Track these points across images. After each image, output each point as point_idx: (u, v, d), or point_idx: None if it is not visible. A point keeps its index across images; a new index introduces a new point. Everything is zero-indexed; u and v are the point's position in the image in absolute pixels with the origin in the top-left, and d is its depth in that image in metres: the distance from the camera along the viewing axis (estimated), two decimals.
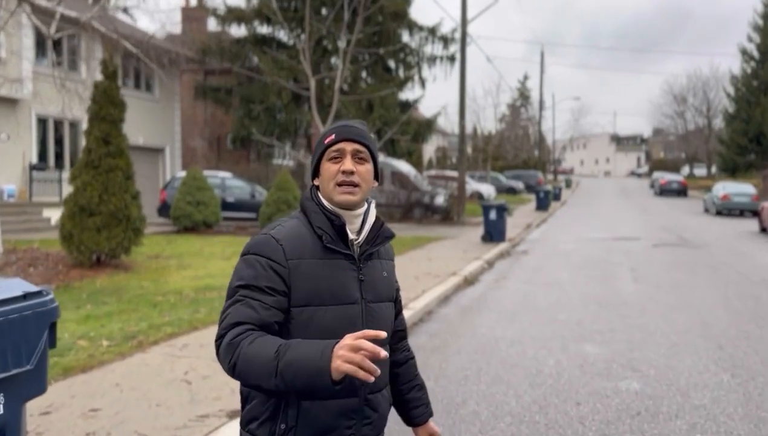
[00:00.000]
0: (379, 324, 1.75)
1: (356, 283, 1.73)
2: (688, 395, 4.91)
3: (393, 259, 1.94)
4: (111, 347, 5.83)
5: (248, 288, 1.65)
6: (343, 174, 1.71)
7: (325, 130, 1.81)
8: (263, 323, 1.61)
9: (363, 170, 1.75)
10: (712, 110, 59.34)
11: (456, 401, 4.83)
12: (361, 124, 1.84)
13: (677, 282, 10.11)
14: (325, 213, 1.73)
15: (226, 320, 1.63)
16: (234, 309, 1.64)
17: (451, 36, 23.18)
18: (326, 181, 1.74)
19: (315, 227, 1.71)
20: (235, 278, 1.69)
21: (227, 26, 23.56)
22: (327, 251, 1.70)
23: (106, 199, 9.70)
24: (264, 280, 1.64)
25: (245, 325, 1.60)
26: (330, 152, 1.75)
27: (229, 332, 1.60)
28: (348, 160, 1.73)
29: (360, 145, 1.75)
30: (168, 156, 23.28)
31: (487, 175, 39.33)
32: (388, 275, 1.86)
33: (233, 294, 1.67)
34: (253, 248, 1.71)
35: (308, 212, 1.76)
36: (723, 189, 26.49)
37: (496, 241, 15.04)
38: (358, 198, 1.73)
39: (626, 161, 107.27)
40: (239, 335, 1.58)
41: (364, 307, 1.74)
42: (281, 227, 1.74)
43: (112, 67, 10.20)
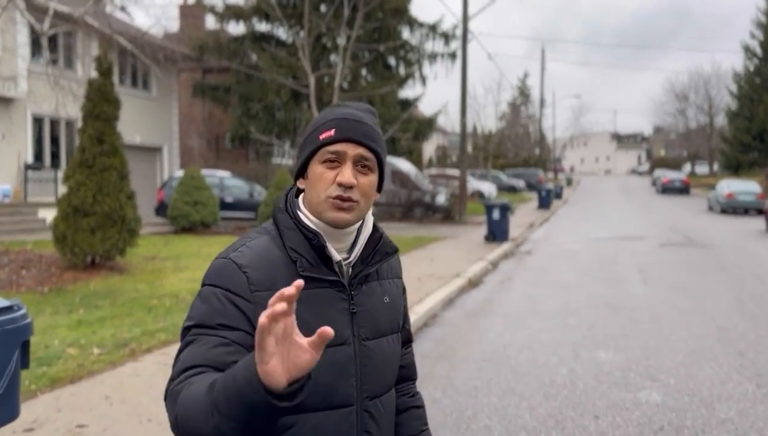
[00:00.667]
0: (380, 369, 1.38)
1: (346, 317, 1.34)
2: (712, 408, 4.63)
3: (400, 276, 1.52)
4: (102, 355, 5.55)
5: (200, 327, 1.27)
6: (340, 187, 1.30)
7: (321, 117, 1.38)
8: (219, 363, 1.21)
9: (365, 183, 1.33)
10: (714, 108, 59.08)
11: (466, 414, 4.55)
12: (370, 113, 1.41)
13: (688, 284, 9.83)
14: (301, 230, 1.34)
15: (175, 367, 1.26)
16: (185, 353, 1.26)
17: (452, 33, 22.90)
18: (315, 191, 1.33)
19: (288, 248, 1.33)
20: (187, 317, 1.32)
21: (225, 23, 23.28)
22: (305, 280, 1.25)
23: (100, 199, 9.42)
24: (219, 316, 1.26)
25: (194, 369, 1.21)
26: (325, 153, 1.32)
27: (173, 382, 1.23)
28: (348, 168, 1.31)
29: (366, 151, 1.33)
30: (166, 155, 22.98)
31: (488, 174, 39.05)
32: (392, 299, 1.45)
33: (183, 336, 1.30)
34: (209, 278, 1.33)
35: (280, 228, 1.36)
36: (727, 187, 26.21)
37: (500, 241, 14.76)
38: (353, 217, 1.33)
39: (627, 159, 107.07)
40: (181, 383, 1.20)
41: (358, 347, 1.34)
42: (245, 249, 1.34)
43: (106, 64, 9.91)
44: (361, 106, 1.40)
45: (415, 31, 22.82)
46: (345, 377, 1.32)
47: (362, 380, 1.34)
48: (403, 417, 1.55)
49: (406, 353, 1.57)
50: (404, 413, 1.55)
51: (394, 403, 1.46)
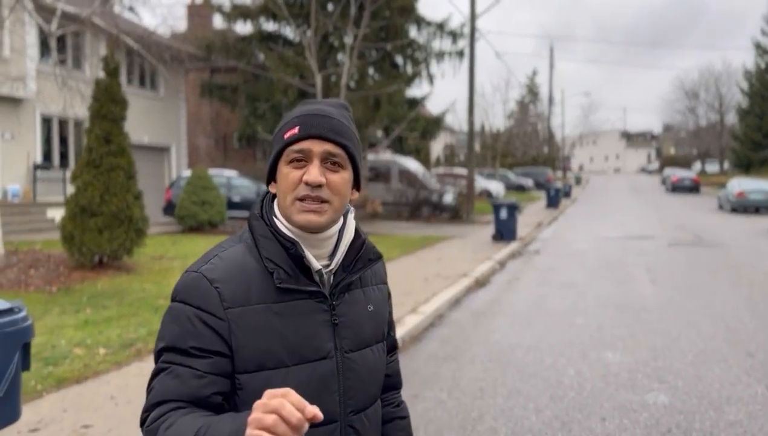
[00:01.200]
0: (364, 381, 1.31)
1: (328, 329, 1.26)
2: (721, 410, 4.58)
3: (385, 282, 1.45)
4: (108, 355, 5.56)
5: (172, 351, 1.20)
6: (307, 186, 1.22)
7: (287, 116, 1.30)
8: (195, 397, 1.17)
9: (336, 181, 1.25)
10: (725, 105, 58.67)
11: (472, 416, 4.52)
12: (340, 107, 1.32)
13: (697, 284, 9.75)
14: (277, 239, 1.26)
15: (150, 395, 1.20)
16: (158, 382, 1.19)
17: (460, 31, 22.78)
18: (283, 193, 1.25)
19: (264, 258, 1.24)
20: (158, 336, 1.24)
21: (232, 23, 23.26)
22: (282, 291, 1.23)
23: (107, 199, 9.44)
24: (191, 338, 1.19)
25: (169, 403, 1.16)
26: (290, 152, 1.24)
27: (151, 415, 1.17)
28: (315, 166, 1.23)
29: (334, 146, 1.24)
30: (173, 155, 23.04)
31: (496, 173, 38.94)
32: (377, 307, 1.37)
33: (156, 360, 1.23)
34: (178, 293, 1.24)
35: (255, 237, 1.27)
36: (738, 186, 25.98)
37: (507, 240, 14.70)
38: (325, 219, 1.24)
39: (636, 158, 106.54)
40: (157, 419, 1.15)
41: (340, 360, 1.27)
42: (217, 260, 1.25)
43: (113, 64, 9.94)
44: (332, 102, 1.32)
45: (423, 30, 22.73)
46: (327, 393, 1.25)
47: (346, 394, 1.28)
48: (388, 428, 1.49)
49: (390, 361, 1.51)
50: (389, 423, 1.50)
51: (379, 415, 1.40)
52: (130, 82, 20.50)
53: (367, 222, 19.38)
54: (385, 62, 22.24)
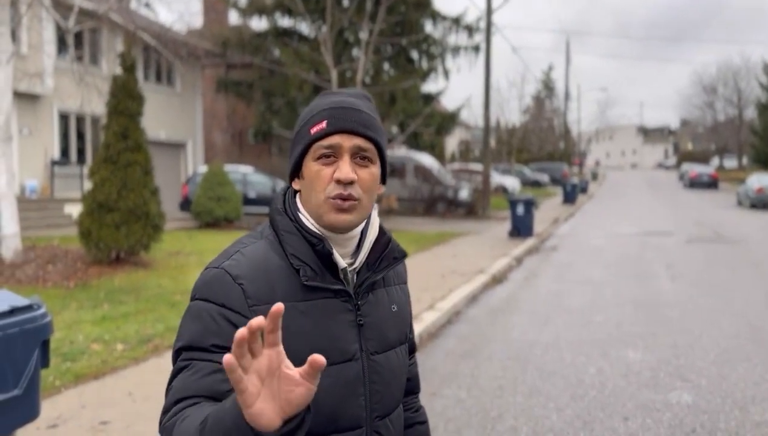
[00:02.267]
0: (390, 384, 1.26)
1: (353, 329, 1.21)
2: (746, 410, 4.49)
3: (406, 282, 1.40)
4: (125, 351, 5.56)
5: (192, 350, 1.14)
6: (338, 184, 1.17)
7: (310, 108, 1.24)
8: (214, 392, 1.09)
9: (367, 177, 1.20)
10: (744, 100, 57.90)
11: (491, 415, 4.46)
12: (365, 99, 1.26)
13: (717, 281, 9.60)
14: (303, 235, 1.21)
15: (168, 396, 1.14)
16: (177, 381, 1.13)
17: (476, 25, 22.64)
18: (312, 192, 1.20)
19: (289, 255, 1.19)
20: (178, 335, 1.19)
21: (248, 19, 23.30)
22: (309, 289, 1.18)
23: (124, 195, 9.48)
24: (213, 336, 1.13)
25: (187, 400, 1.10)
26: (318, 148, 1.19)
27: (168, 414, 1.11)
28: (346, 162, 1.17)
29: (364, 140, 1.19)
30: (190, 151, 23.13)
31: (512, 168, 38.72)
32: (400, 307, 1.33)
33: (175, 359, 1.17)
34: (201, 290, 1.19)
35: (279, 233, 1.22)
36: (758, 181, 25.62)
37: (524, 236, 14.59)
38: (357, 217, 1.20)
39: (653, 153, 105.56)
40: (174, 416, 1.09)
41: (366, 362, 1.22)
42: (240, 256, 1.20)
43: (130, 60, 9.96)
44: (355, 92, 1.26)
45: (438, 25, 22.61)
46: (353, 397, 1.20)
47: (371, 398, 1.23)
48: (407, 433, 1.44)
49: (410, 363, 1.46)
50: (408, 429, 1.45)
51: (402, 420, 1.35)
52: (146, 78, 20.58)
53: (383, 218, 19.33)
54: (401, 57, 22.16)
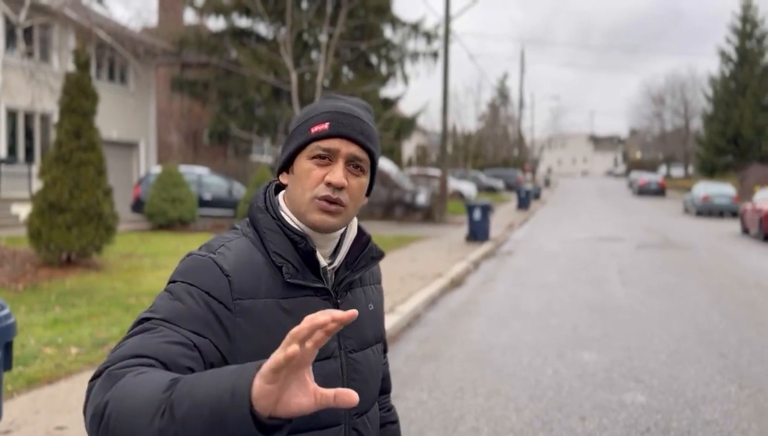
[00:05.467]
0: (367, 381, 1.27)
1: None
2: (697, 409, 4.65)
3: (380, 281, 1.41)
4: (80, 355, 5.42)
5: (165, 322, 1.07)
6: (329, 187, 1.18)
7: (313, 108, 1.25)
8: (173, 363, 1.01)
9: (356, 186, 1.21)
10: (690, 111, 59.99)
11: (453, 415, 4.51)
12: (366, 110, 1.27)
13: (667, 285, 9.92)
14: (285, 233, 1.21)
15: (116, 351, 1.03)
16: (136, 339, 1.04)
17: (435, 32, 22.88)
18: (301, 188, 1.20)
19: (271, 252, 1.19)
20: (149, 309, 1.12)
21: (205, 18, 23.01)
22: (290, 287, 1.18)
23: (76, 195, 9.23)
24: (193, 319, 1.08)
25: (145, 359, 1.00)
26: (316, 148, 1.19)
27: (113, 364, 0.99)
28: (340, 168, 1.18)
29: (361, 150, 1.20)
30: (143, 151, 22.65)
31: (468, 174, 39.15)
32: (376, 306, 1.34)
33: (137, 325, 1.09)
34: (185, 275, 1.14)
35: (261, 230, 1.21)
36: (704, 190, 26.56)
37: (481, 241, 14.78)
38: (339, 222, 1.21)
39: (603, 161, 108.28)
40: (128, 367, 0.97)
41: (345, 360, 1.23)
42: (226, 250, 1.18)
43: (84, 57, 9.71)
44: (357, 102, 1.28)
45: (398, 30, 22.75)
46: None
47: None
48: (380, 433, 1.44)
49: (383, 363, 1.46)
50: (381, 428, 1.45)
51: (378, 418, 1.37)
52: (98, 76, 20.08)
53: None
54: (360, 62, 22.22)
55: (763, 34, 43.82)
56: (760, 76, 43.01)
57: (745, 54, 43.65)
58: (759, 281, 10.37)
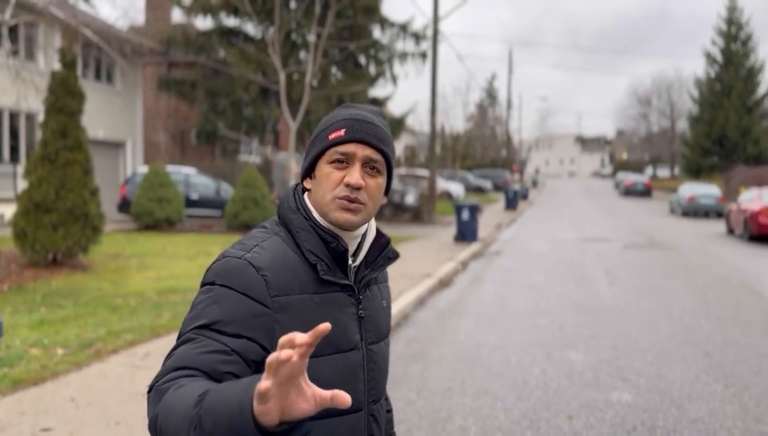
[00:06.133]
0: (381, 371, 1.40)
1: (356, 321, 1.33)
2: (683, 408, 4.69)
3: (388, 280, 1.54)
4: (66, 356, 5.37)
5: (207, 328, 1.18)
6: (347, 187, 1.29)
7: (331, 117, 1.37)
8: (213, 370, 1.13)
9: (373, 186, 1.32)
10: (676, 112, 60.47)
11: (441, 415, 4.52)
12: (379, 115, 1.39)
13: (654, 286, 9.99)
14: (317, 232, 1.31)
15: (165, 363, 1.17)
16: (180, 350, 1.17)
17: (423, 33, 22.91)
18: (322, 191, 1.31)
19: (305, 250, 1.29)
20: (192, 315, 1.22)
21: (193, 17, 22.90)
22: (321, 284, 1.28)
23: (63, 195, 9.16)
24: (231, 324, 1.18)
25: (186, 370, 1.13)
26: (334, 153, 1.31)
27: (162, 379, 1.13)
28: (357, 169, 1.29)
29: (376, 152, 1.32)
30: (129, 150, 22.50)
31: (456, 174, 39.23)
32: (387, 303, 1.47)
33: (185, 331, 1.21)
34: (222, 277, 1.23)
35: (294, 230, 1.32)
36: (689, 190, 26.78)
37: (469, 241, 14.82)
38: (359, 219, 1.31)
39: (590, 162, 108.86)
40: (171, 381, 1.11)
41: (365, 352, 1.34)
42: (261, 249, 1.27)
43: (70, 56, 9.64)
44: (371, 108, 1.39)
45: (386, 31, 22.76)
46: (355, 382, 1.32)
47: (369, 384, 1.36)
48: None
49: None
50: None
51: (385, 405, 1.49)
52: (85, 75, 19.92)
53: None
54: (349, 62, 22.20)
55: (748, 37, 44.25)
56: (745, 77, 43.45)
57: (730, 56, 44.06)
58: (744, 280, 10.47)
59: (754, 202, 16.97)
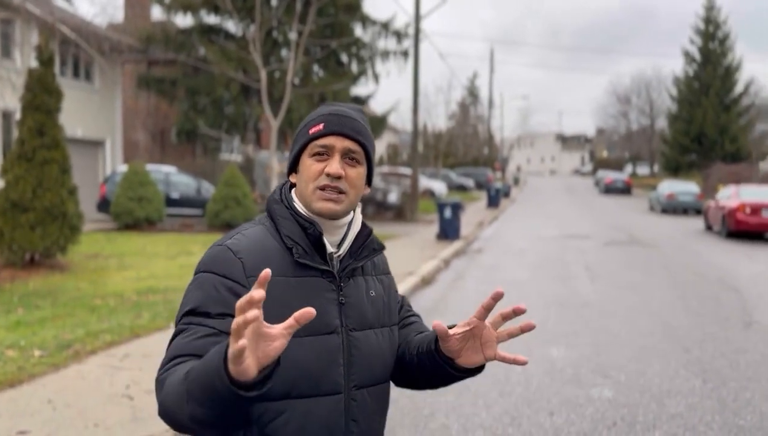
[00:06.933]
0: (368, 359, 1.42)
1: (335, 307, 1.38)
2: (662, 403, 4.74)
3: (388, 272, 1.59)
4: (43, 357, 5.30)
5: (194, 314, 1.31)
6: (328, 177, 1.37)
7: (311, 114, 1.46)
8: (205, 352, 1.23)
9: (353, 175, 1.40)
10: (655, 110, 61.09)
11: (424, 413, 4.53)
12: (358, 111, 1.48)
13: (634, 282, 10.09)
14: (297, 219, 1.40)
15: (166, 355, 1.31)
16: (175, 343, 1.31)
17: (405, 31, 22.91)
18: (305, 182, 1.40)
19: (283, 236, 1.38)
20: (182, 302, 1.36)
21: (173, 15, 22.68)
22: (299, 267, 1.36)
23: (40, 194, 9.05)
24: (215, 304, 1.30)
25: (182, 358, 1.27)
26: (314, 146, 1.40)
27: (162, 369, 1.28)
28: (336, 160, 1.38)
29: (354, 143, 1.40)
30: (108, 149, 22.24)
31: (439, 173, 39.31)
32: (379, 294, 1.49)
33: (178, 323, 1.35)
34: (205, 265, 1.37)
35: (276, 218, 1.42)
36: (668, 188, 27.07)
37: (451, 239, 14.85)
38: (341, 207, 1.39)
39: (571, 160, 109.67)
40: (167, 371, 1.26)
41: (345, 337, 1.39)
42: (241, 236, 1.39)
43: (47, 53, 9.51)
44: (350, 106, 1.48)
45: (368, 29, 22.72)
46: (333, 366, 1.36)
47: (350, 369, 1.39)
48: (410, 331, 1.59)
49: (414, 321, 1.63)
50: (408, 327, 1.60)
51: (386, 398, 1.49)
52: (63, 73, 19.66)
53: None
54: (331, 60, 22.14)
55: (726, 35, 44.79)
56: (723, 76, 43.97)
57: (708, 54, 44.57)
58: (722, 277, 10.61)
59: (731, 199, 17.19)
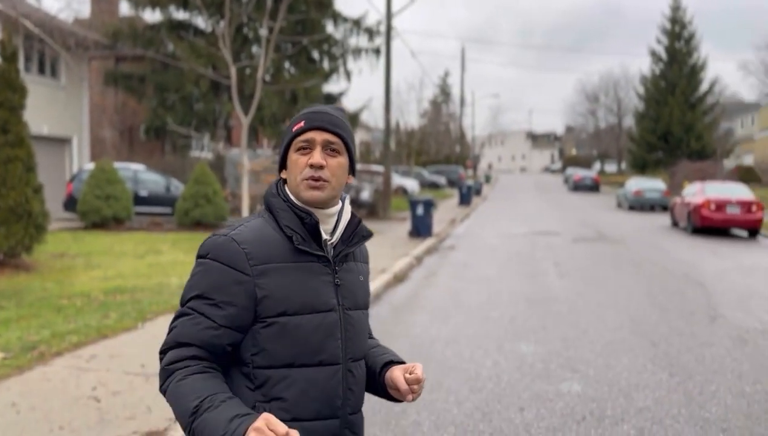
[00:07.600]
0: (357, 334, 1.61)
1: (332, 288, 1.56)
2: (630, 397, 4.81)
3: (368, 262, 1.76)
4: (7, 359, 5.18)
5: (200, 299, 1.48)
6: (311, 168, 1.54)
7: (296, 115, 1.64)
8: (209, 344, 1.46)
9: (334, 164, 1.56)
10: (623, 109, 62.05)
11: (395, 410, 4.53)
12: (337, 110, 1.64)
13: (601, 277, 10.23)
14: (294, 211, 1.55)
15: (171, 333, 1.50)
16: (181, 323, 1.49)
17: (376, 28, 22.88)
18: (293, 175, 1.57)
19: (283, 226, 1.54)
20: (189, 285, 1.52)
21: (141, 10, 22.32)
22: (298, 254, 1.53)
23: (4, 193, 8.84)
24: (219, 292, 1.47)
25: (187, 348, 1.46)
26: (298, 142, 1.57)
27: (169, 353, 1.48)
28: (317, 152, 1.55)
29: (332, 136, 1.56)
30: (75, 147, 21.82)
31: (411, 170, 39.38)
32: (365, 278, 1.70)
33: (184, 304, 1.51)
34: (211, 251, 1.51)
35: (274, 210, 1.57)
36: (636, 185, 27.49)
37: (423, 236, 14.90)
38: (326, 195, 1.55)
39: (541, 158, 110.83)
40: (176, 362, 1.46)
41: (342, 314, 1.57)
42: (243, 228, 1.54)
43: (10, 49, 9.29)
44: (331, 107, 1.64)
45: (339, 26, 22.64)
46: (332, 339, 1.53)
47: (346, 343, 1.57)
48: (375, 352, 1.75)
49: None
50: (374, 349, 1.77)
51: (365, 370, 1.67)
52: (27, 69, 19.22)
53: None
54: (302, 57, 22.01)
55: (691, 35, 45.64)
56: (689, 75, 44.81)
57: (674, 54, 45.37)
58: (687, 272, 10.82)
59: (697, 195, 17.54)
